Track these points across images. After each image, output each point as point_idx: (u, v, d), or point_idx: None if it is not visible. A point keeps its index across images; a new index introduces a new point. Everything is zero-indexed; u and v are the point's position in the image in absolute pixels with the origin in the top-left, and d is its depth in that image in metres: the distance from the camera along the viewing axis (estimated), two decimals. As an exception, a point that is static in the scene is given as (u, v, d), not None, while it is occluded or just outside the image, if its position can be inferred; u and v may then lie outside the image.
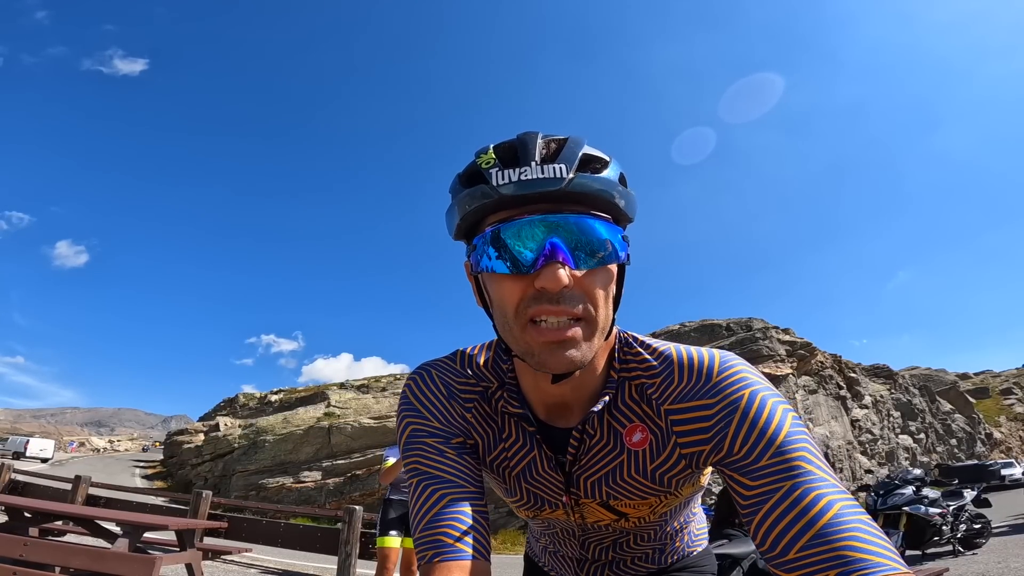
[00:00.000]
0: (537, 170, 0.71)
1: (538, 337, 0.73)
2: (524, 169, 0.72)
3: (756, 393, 0.75)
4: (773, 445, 0.70)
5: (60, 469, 25.68)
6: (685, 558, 1.11)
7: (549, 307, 0.72)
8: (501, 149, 0.76)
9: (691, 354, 0.83)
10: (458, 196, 0.77)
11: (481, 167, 0.75)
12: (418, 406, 0.90)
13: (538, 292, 0.72)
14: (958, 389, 48.41)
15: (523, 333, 0.74)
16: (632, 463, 0.87)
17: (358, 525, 7.33)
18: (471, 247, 0.79)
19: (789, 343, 29.26)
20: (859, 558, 0.59)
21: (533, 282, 0.72)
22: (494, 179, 0.72)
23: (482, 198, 0.73)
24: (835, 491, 0.65)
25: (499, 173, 0.73)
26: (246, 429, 27.70)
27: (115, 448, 59.28)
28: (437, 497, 0.80)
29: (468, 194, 0.75)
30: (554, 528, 1.06)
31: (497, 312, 0.78)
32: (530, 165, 0.72)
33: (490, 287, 0.78)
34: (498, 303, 0.77)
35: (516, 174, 0.72)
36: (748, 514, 0.70)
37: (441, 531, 0.77)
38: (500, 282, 0.75)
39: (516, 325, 0.75)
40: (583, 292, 0.73)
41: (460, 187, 0.78)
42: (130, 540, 4.49)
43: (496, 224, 0.74)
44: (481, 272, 0.77)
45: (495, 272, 0.75)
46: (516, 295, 0.74)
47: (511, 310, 0.75)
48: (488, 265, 0.75)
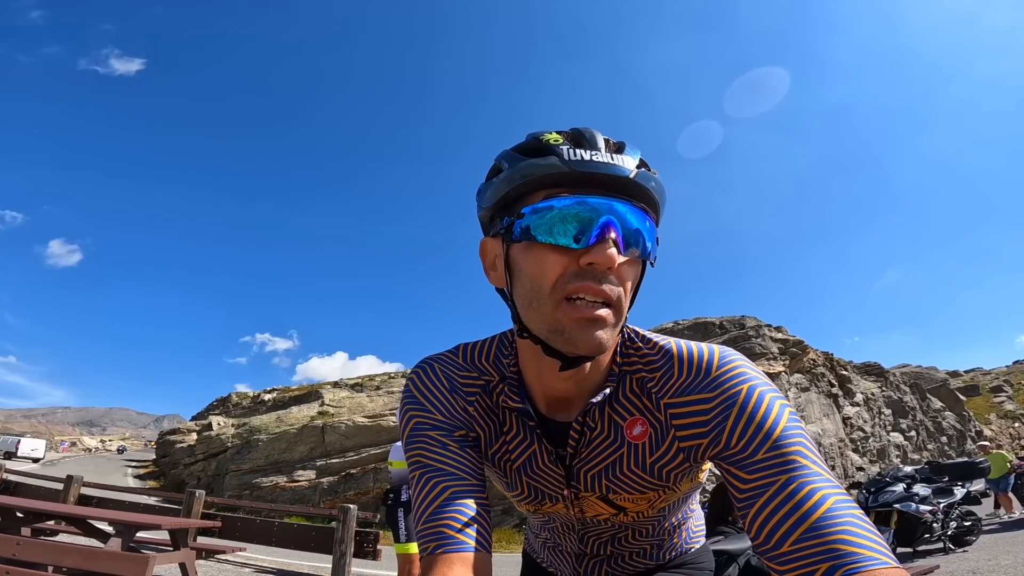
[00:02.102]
0: (607, 156, 0.74)
1: (572, 313, 0.74)
2: (595, 152, 0.74)
3: (754, 388, 0.76)
4: (769, 439, 0.71)
5: (52, 469, 25.48)
6: (683, 554, 1.12)
7: (592, 285, 0.73)
8: (565, 133, 0.78)
9: (691, 349, 0.84)
10: (519, 163, 0.77)
11: (550, 142, 0.77)
12: (421, 399, 0.90)
13: (582, 269, 0.74)
14: (948, 387, 48.75)
15: (555, 309, 0.75)
16: (632, 456, 0.87)
17: (352, 524, 7.31)
18: (514, 215, 0.78)
19: (781, 341, 29.36)
20: (850, 551, 0.59)
21: (579, 259, 0.74)
22: (566, 154, 0.74)
23: (553, 168, 0.74)
24: (829, 486, 0.66)
25: (571, 150, 0.75)
26: (239, 428, 27.55)
27: (107, 448, 58.87)
28: (440, 490, 0.81)
29: (535, 163, 0.76)
30: (554, 522, 1.06)
31: (527, 285, 0.78)
32: (599, 151, 0.75)
33: (527, 258, 0.77)
34: (534, 276, 0.77)
35: (588, 155, 0.74)
36: (743, 508, 0.70)
37: (443, 523, 0.78)
38: (544, 253, 0.75)
39: (550, 300, 0.75)
40: (619, 279, 0.75)
41: (519, 156, 0.79)
42: (123, 539, 4.46)
43: (554, 196, 0.75)
44: (520, 241, 0.77)
45: (542, 242, 0.75)
46: (558, 269, 0.75)
47: (548, 284, 0.75)
48: (538, 233, 0.75)
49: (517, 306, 0.80)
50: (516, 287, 0.80)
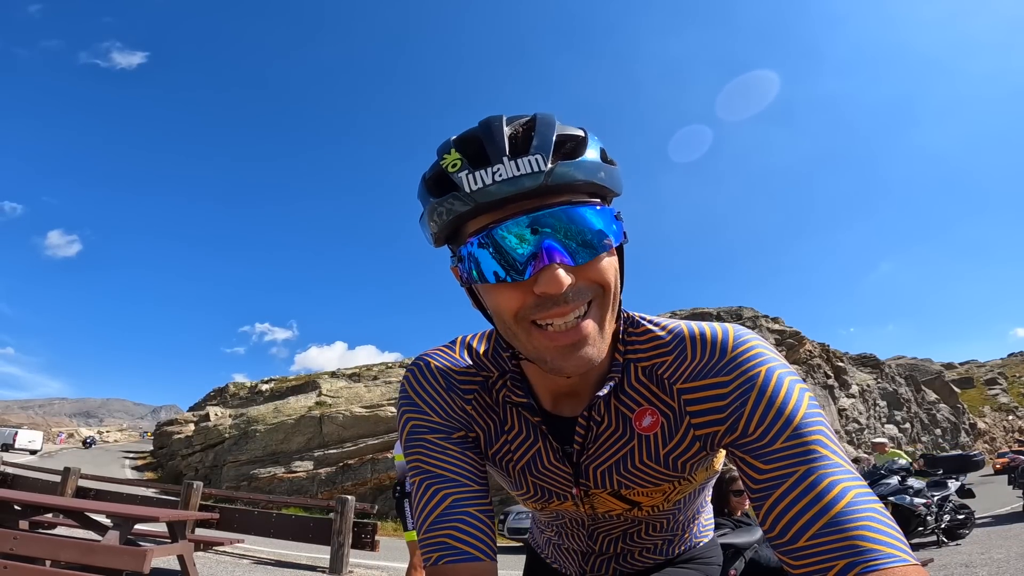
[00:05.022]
0: (511, 166, 0.64)
1: (548, 342, 0.69)
2: (497, 168, 0.65)
3: (773, 371, 0.72)
4: (790, 427, 0.67)
5: (49, 461, 25.51)
6: (692, 549, 1.08)
7: (556, 310, 0.67)
8: (465, 145, 0.69)
9: (703, 329, 0.78)
10: (428, 205, 0.71)
11: (448, 170, 0.68)
12: (417, 400, 0.87)
13: (539, 298, 0.67)
14: (943, 379, 49.05)
15: (529, 338, 0.70)
16: (643, 449, 0.83)
17: (350, 515, 7.34)
18: (456, 256, 0.73)
19: (778, 332, 29.46)
20: (869, 548, 0.57)
21: (531, 288, 0.67)
22: (466, 185, 0.66)
23: (456, 208, 0.67)
24: (849, 478, 0.63)
25: (469, 177, 0.65)
26: (237, 419, 27.56)
27: (104, 439, 58.88)
28: (440, 497, 0.79)
29: (439, 204, 0.68)
30: (561, 519, 1.02)
31: (496, 319, 0.74)
32: (502, 162, 0.65)
33: (485, 297, 0.73)
34: (496, 313, 0.72)
35: (489, 175, 0.65)
36: (758, 499, 0.67)
37: (445, 532, 0.76)
38: (495, 292, 0.70)
39: (520, 331, 0.71)
40: (588, 282, 0.69)
41: (428, 195, 0.71)
42: (121, 532, 4.46)
43: (477, 232, 0.68)
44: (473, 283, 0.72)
45: (488, 283, 0.70)
46: (515, 304, 0.69)
47: (510, 318, 0.70)
48: (478, 277, 0.70)
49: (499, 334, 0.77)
50: (492, 318, 0.76)
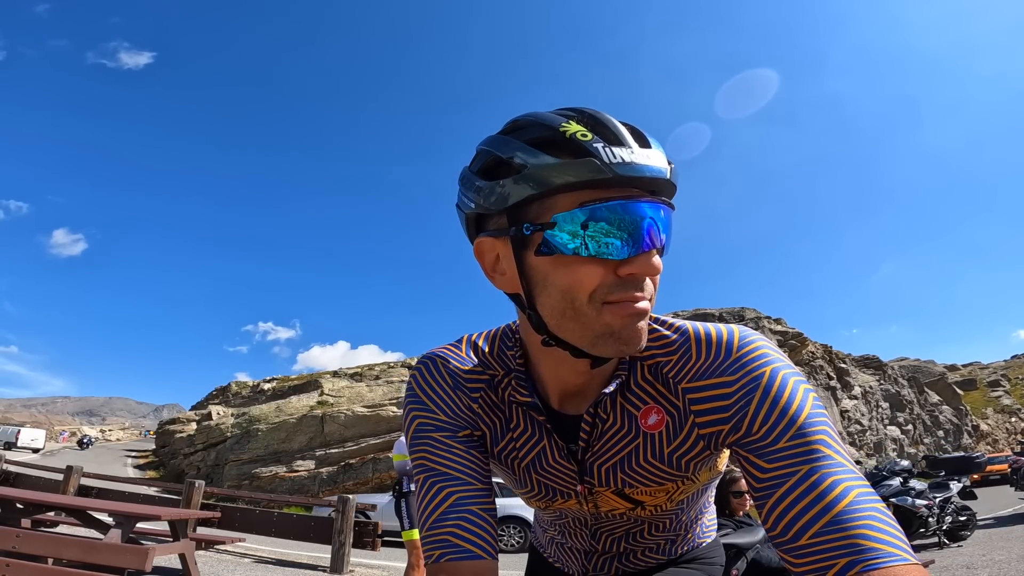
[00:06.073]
0: (642, 154, 0.66)
1: (621, 312, 0.68)
2: (631, 150, 0.66)
3: (777, 371, 0.72)
4: (793, 427, 0.67)
5: (51, 459, 25.58)
6: (694, 549, 1.08)
7: (636, 294, 0.69)
8: (588, 122, 0.69)
9: (708, 330, 0.79)
10: (543, 163, 0.67)
11: (579, 139, 0.67)
12: (423, 398, 0.87)
13: (622, 279, 0.68)
14: (946, 380, 48.96)
15: (599, 316, 0.69)
16: (648, 447, 0.82)
17: (351, 514, 7.36)
18: (535, 222, 0.69)
19: (781, 333, 29.44)
20: (870, 547, 0.57)
21: (616, 269, 0.68)
22: (604, 155, 0.65)
23: (593, 173, 0.65)
24: (852, 477, 0.63)
25: (607, 149, 0.65)
26: (239, 418, 27.62)
27: (106, 438, 59.07)
28: (444, 495, 0.79)
29: (570, 166, 0.66)
30: (565, 518, 1.02)
31: (558, 297, 0.70)
32: (631, 147, 0.66)
33: (556, 270, 0.69)
34: (566, 289, 0.69)
35: (627, 154, 0.65)
36: (760, 498, 0.67)
37: (448, 530, 0.76)
38: (580, 266, 0.68)
39: (591, 309, 0.69)
40: (653, 277, 0.71)
41: (536, 151, 0.68)
42: (123, 531, 4.47)
43: (588, 203, 0.66)
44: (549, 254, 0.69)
45: (578, 255, 0.67)
46: (595, 280, 0.68)
47: (585, 296, 0.68)
48: (578, 247, 0.67)
49: (544, 316, 0.73)
50: (541, 297, 0.72)
